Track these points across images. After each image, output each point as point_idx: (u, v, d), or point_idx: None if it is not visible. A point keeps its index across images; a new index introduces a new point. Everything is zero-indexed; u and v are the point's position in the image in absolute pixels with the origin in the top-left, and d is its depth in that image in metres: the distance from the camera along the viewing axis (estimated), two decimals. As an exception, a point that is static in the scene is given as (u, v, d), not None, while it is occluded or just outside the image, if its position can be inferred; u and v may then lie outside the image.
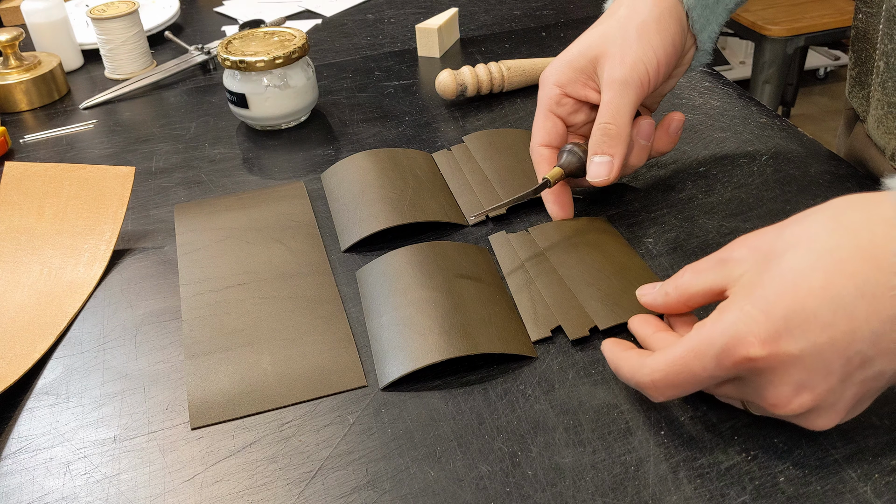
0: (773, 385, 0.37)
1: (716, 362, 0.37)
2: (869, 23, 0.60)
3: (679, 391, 0.39)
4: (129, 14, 0.87)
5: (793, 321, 0.35)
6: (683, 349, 0.38)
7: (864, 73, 0.61)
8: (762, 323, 0.35)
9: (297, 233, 0.59)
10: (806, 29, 2.15)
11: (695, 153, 0.67)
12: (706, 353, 0.37)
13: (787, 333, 0.35)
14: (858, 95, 0.63)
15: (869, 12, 0.60)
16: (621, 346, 0.43)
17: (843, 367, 0.35)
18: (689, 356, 0.37)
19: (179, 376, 0.48)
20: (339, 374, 0.47)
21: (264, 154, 0.72)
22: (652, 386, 0.39)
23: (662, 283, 0.45)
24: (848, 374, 0.36)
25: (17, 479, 0.43)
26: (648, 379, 0.39)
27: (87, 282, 0.57)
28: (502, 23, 0.98)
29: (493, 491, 0.40)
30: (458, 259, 0.53)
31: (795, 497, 0.39)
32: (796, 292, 0.35)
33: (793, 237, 0.37)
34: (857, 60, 0.63)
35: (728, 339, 0.36)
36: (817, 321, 0.34)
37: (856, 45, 0.62)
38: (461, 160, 0.66)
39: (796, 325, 0.35)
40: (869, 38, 0.60)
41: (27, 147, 0.76)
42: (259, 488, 0.41)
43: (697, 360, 0.37)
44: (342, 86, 0.84)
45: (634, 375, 0.40)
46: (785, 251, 0.36)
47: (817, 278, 0.35)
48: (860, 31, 0.61)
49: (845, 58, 2.81)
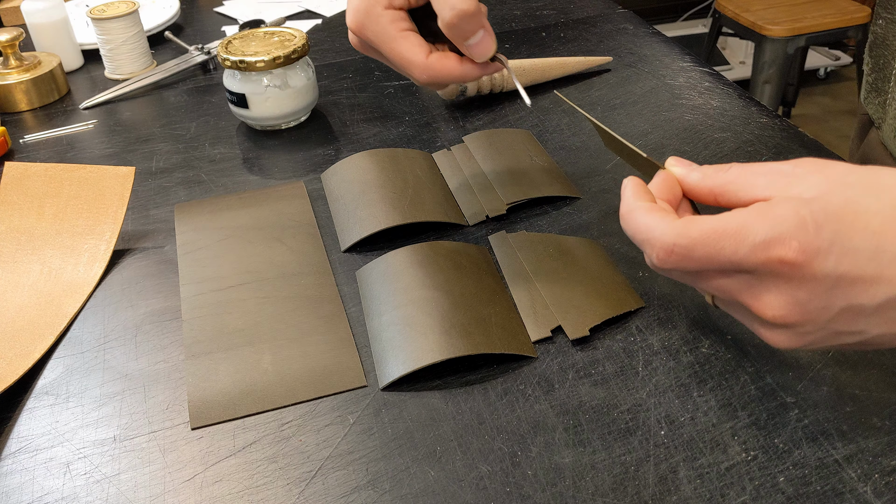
0: (776, 292, 0.36)
1: (749, 250, 0.35)
2: (889, 29, 0.59)
3: (688, 267, 0.37)
4: (129, 14, 0.87)
5: (836, 245, 0.34)
6: (724, 226, 0.35)
7: (882, 79, 0.61)
8: (811, 232, 0.34)
9: (297, 233, 0.59)
10: (806, 29, 2.15)
11: (695, 153, 0.67)
12: (745, 239, 0.35)
13: (825, 253, 0.34)
14: (875, 102, 0.62)
15: (889, 18, 0.59)
16: (645, 195, 0.40)
17: (840, 310, 0.35)
18: (728, 234, 0.35)
19: (179, 376, 0.48)
20: (339, 374, 0.47)
21: (264, 154, 0.72)
22: (669, 251, 0.37)
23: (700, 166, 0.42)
24: (838, 318, 0.36)
25: (17, 479, 0.43)
26: (671, 241, 0.36)
27: (87, 282, 0.57)
28: (502, 23, 0.98)
29: (493, 491, 0.40)
30: (458, 259, 0.53)
31: (795, 497, 0.39)
32: (853, 223, 0.34)
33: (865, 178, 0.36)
34: (874, 66, 0.62)
35: (775, 234, 0.34)
36: (853, 257, 0.34)
37: (874, 51, 0.62)
38: (461, 160, 0.66)
39: (836, 251, 0.34)
40: (888, 45, 0.59)
41: (27, 147, 0.76)
42: (259, 488, 0.41)
43: (732, 242, 0.35)
44: (342, 86, 0.84)
45: (652, 232, 0.37)
46: (853, 185, 0.35)
47: (875, 223, 0.34)
48: (879, 37, 0.61)
49: (846, 58, 2.81)
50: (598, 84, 0.80)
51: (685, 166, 0.42)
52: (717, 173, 0.40)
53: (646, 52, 0.86)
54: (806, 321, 0.36)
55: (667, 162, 0.42)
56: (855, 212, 0.35)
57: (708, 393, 0.44)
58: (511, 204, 0.60)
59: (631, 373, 0.46)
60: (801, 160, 0.38)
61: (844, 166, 0.37)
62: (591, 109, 0.75)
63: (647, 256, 0.38)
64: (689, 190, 0.41)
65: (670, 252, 0.36)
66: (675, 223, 0.37)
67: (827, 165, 0.37)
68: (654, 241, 0.37)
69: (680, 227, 0.36)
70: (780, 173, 0.37)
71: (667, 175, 0.42)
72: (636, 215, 0.38)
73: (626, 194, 0.40)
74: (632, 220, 0.39)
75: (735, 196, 0.38)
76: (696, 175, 0.40)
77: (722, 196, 0.39)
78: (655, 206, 0.38)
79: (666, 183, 0.41)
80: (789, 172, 0.37)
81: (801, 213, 0.35)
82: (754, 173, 0.38)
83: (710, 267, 0.37)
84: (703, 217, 0.36)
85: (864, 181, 0.36)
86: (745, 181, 0.38)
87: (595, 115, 0.74)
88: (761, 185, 0.37)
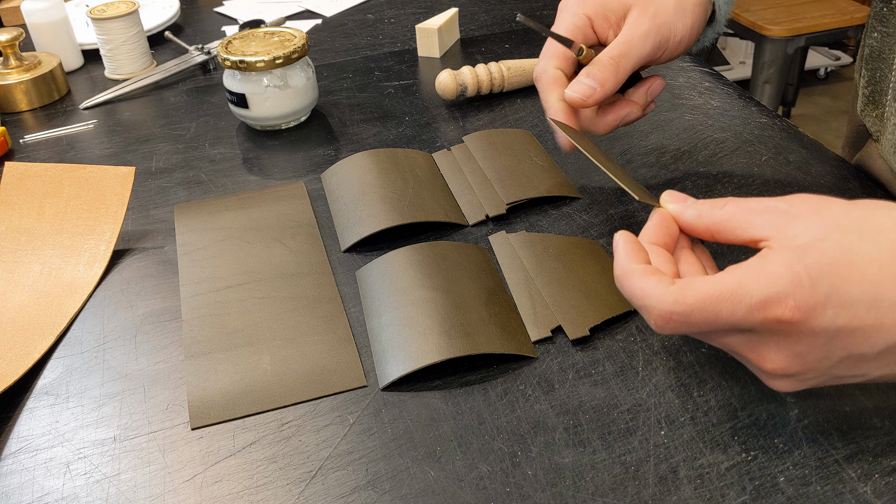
0: (776, 347, 0.36)
1: (746, 311, 0.35)
2: (884, 42, 0.59)
3: (688, 331, 0.37)
4: (129, 14, 0.87)
5: (832, 299, 0.34)
6: (720, 290, 0.35)
7: (879, 92, 0.61)
8: (806, 289, 0.34)
9: (297, 233, 0.59)
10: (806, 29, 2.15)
11: (695, 153, 0.67)
12: (741, 301, 0.35)
13: (822, 308, 0.34)
14: (872, 115, 0.62)
15: (885, 32, 0.59)
16: (638, 254, 0.39)
17: (841, 359, 0.36)
18: (724, 298, 0.35)
19: (179, 376, 0.48)
20: (339, 374, 0.47)
21: (264, 154, 0.72)
22: (666, 318, 0.36)
23: (696, 200, 0.42)
24: (839, 365, 0.36)
25: (17, 479, 0.43)
26: (668, 309, 0.36)
27: (87, 282, 0.57)
28: (502, 23, 0.98)
29: (493, 491, 0.40)
30: (458, 259, 0.53)
31: (795, 497, 0.39)
32: (850, 275, 0.34)
33: (862, 220, 0.36)
34: (870, 79, 0.62)
35: (771, 293, 0.34)
36: (851, 310, 0.34)
37: (870, 64, 0.62)
38: (461, 160, 0.66)
39: (833, 304, 0.34)
40: (884, 59, 0.59)
41: (27, 147, 0.76)
42: (259, 488, 0.41)
43: (729, 305, 0.35)
44: (342, 86, 0.84)
45: (649, 299, 0.37)
46: (850, 229, 0.35)
47: (872, 272, 0.34)
48: (874, 49, 0.60)
49: (846, 58, 2.81)
50: (598, 84, 0.80)
51: (679, 202, 0.42)
52: (714, 210, 0.40)
53: (646, 52, 0.86)
54: (807, 370, 0.36)
55: (661, 197, 0.43)
56: (851, 261, 0.34)
57: (708, 393, 0.44)
58: (511, 204, 0.60)
59: (631, 373, 0.46)
60: (796, 197, 0.38)
61: (840, 206, 0.37)
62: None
63: (646, 319, 0.38)
64: (685, 227, 0.41)
65: (668, 320, 0.36)
66: (670, 290, 0.36)
67: (823, 204, 0.37)
68: (650, 308, 0.37)
69: (676, 294, 0.36)
70: (778, 212, 0.37)
71: (662, 215, 0.42)
72: (631, 279, 0.38)
73: (619, 254, 0.40)
74: (627, 283, 0.38)
75: (732, 234, 0.39)
76: (692, 213, 0.41)
77: (719, 234, 0.39)
78: (649, 270, 0.38)
79: (662, 224, 0.42)
80: (786, 211, 0.37)
81: (795, 269, 0.34)
82: (751, 211, 0.38)
83: (709, 329, 0.37)
84: (698, 280, 0.36)
85: (860, 224, 0.35)
86: (741, 219, 0.38)
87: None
88: (759, 225, 0.37)
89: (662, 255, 0.40)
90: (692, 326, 0.36)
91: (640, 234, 0.42)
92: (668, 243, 0.41)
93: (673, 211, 0.42)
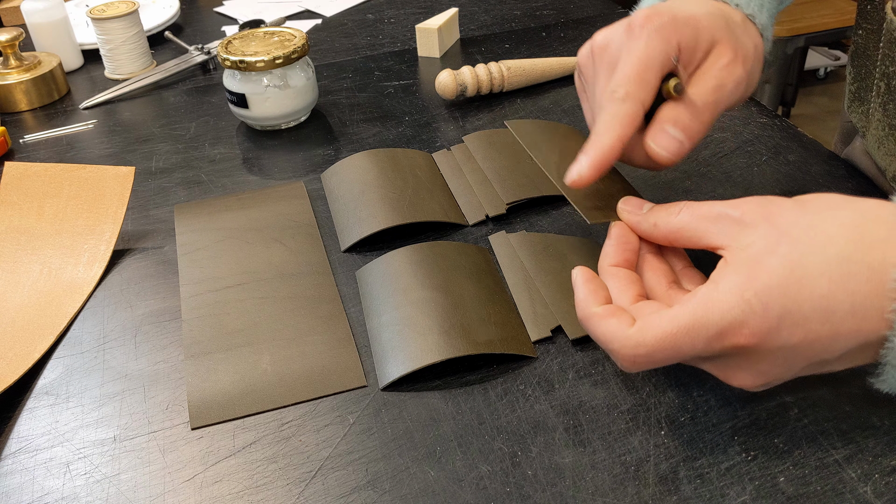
0: (738, 368, 0.37)
1: (705, 344, 0.36)
2: (869, 39, 0.59)
3: (655, 366, 0.38)
4: (129, 14, 0.87)
5: (785, 321, 0.35)
6: (676, 327, 0.36)
7: (864, 89, 0.61)
8: (759, 315, 0.35)
9: (297, 233, 0.59)
10: (806, 29, 2.15)
11: (695, 153, 0.67)
12: (699, 335, 0.36)
13: (776, 330, 0.35)
14: (858, 111, 0.63)
15: (869, 29, 0.59)
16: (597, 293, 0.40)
17: (804, 366, 0.37)
18: (681, 334, 0.36)
19: (179, 376, 0.48)
20: (339, 374, 0.47)
21: (264, 154, 0.72)
22: (631, 361, 0.37)
23: (653, 207, 0.42)
24: (803, 370, 0.37)
25: (17, 479, 0.43)
26: (630, 354, 0.37)
27: (86, 282, 0.57)
28: (502, 23, 0.98)
29: (493, 491, 0.40)
30: (458, 259, 0.53)
31: (795, 497, 0.39)
32: (799, 293, 0.35)
33: (811, 228, 0.36)
34: (856, 76, 0.62)
35: (725, 324, 0.35)
36: (805, 326, 0.35)
37: (855, 61, 0.62)
38: (461, 160, 0.66)
39: (786, 326, 0.35)
40: (869, 56, 0.60)
41: (27, 147, 0.76)
42: (259, 488, 0.41)
43: (688, 340, 0.36)
44: (342, 86, 0.84)
45: (611, 344, 0.38)
46: (799, 239, 0.36)
47: (821, 286, 0.35)
48: (860, 47, 0.61)
49: (845, 58, 2.81)
50: (598, 84, 0.80)
51: (635, 213, 0.43)
52: (669, 218, 0.41)
53: (646, 53, 0.86)
54: (773, 380, 0.38)
55: (618, 207, 0.44)
56: (800, 279, 0.35)
57: (708, 393, 0.44)
58: (511, 204, 0.60)
59: (631, 373, 0.46)
60: (747, 203, 0.39)
61: (790, 211, 0.37)
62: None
63: (614, 360, 0.40)
64: (644, 237, 0.43)
65: (633, 362, 0.38)
66: (630, 334, 0.37)
67: (773, 211, 0.38)
68: (615, 352, 0.38)
69: (636, 337, 0.37)
70: (730, 220, 0.38)
71: (620, 229, 0.43)
72: (593, 324, 0.39)
73: (579, 297, 0.41)
74: (590, 328, 0.39)
75: (689, 241, 0.40)
76: (649, 222, 0.42)
77: (677, 241, 0.41)
78: (609, 311, 0.39)
79: (620, 241, 0.43)
80: (738, 220, 0.38)
81: (745, 296, 0.35)
82: (705, 218, 0.39)
83: (676, 360, 0.38)
84: (655, 319, 0.37)
85: (809, 233, 0.36)
86: (696, 227, 0.40)
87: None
88: (713, 233, 0.39)
89: (622, 279, 0.41)
90: (659, 363, 0.38)
91: (601, 257, 0.43)
92: (629, 259, 0.43)
93: (630, 222, 0.43)
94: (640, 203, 0.43)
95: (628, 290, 0.41)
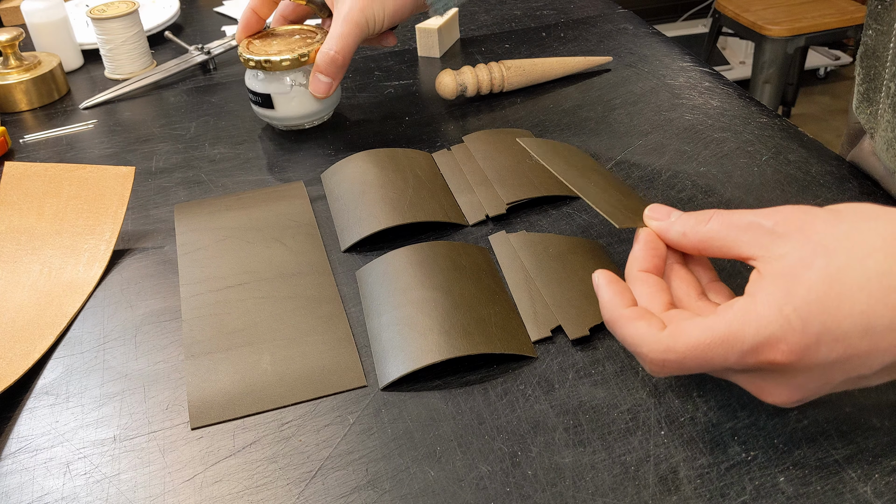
0: (774, 383, 0.37)
1: (739, 357, 0.35)
2: (879, 40, 0.59)
3: (684, 373, 0.37)
4: (129, 14, 0.87)
5: (824, 337, 0.34)
6: (710, 337, 0.35)
7: (873, 90, 0.61)
8: (798, 332, 0.34)
9: (297, 233, 0.59)
10: (806, 29, 2.15)
11: (695, 153, 0.67)
12: (733, 347, 0.35)
13: (815, 346, 0.34)
14: (866, 112, 0.62)
15: (879, 30, 0.59)
16: (623, 295, 0.39)
17: (840, 381, 0.36)
18: (715, 345, 0.35)
19: (179, 376, 0.48)
20: (339, 374, 0.47)
21: (264, 154, 0.72)
22: (660, 365, 0.37)
23: (681, 214, 0.41)
24: (840, 385, 0.36)
25: (17, 479, 0.43)
26: (660, 358, 0.36)
27: (86, 282, 0.57)
28: (502, 23, 0.98)
29: (493, 491, 0.40)
30: (458, 259, 0.53)
31: (795, 497, 0.39)
32: (838, 309, 0.34)
33: (847, 239, 0.35)
34: (865, 77, 0.62)
35: (761, 339, 0.34)
36: (844, 342, 0.34)
37: (864, 62, 0.62)
38: (461, 160, 0.66)
39: (826, 341, 0.34)
40: (878, 56, 0.59)
41: (27, 147, 0.76)
42: (259, 488, 0.41)
43: (721, 351, 0.35)
44: (342, 86, 0.84)
45: (640, 347, 0.37)
46: (836, 252, 0.35)
47: (861, 301, 0.34)
48: (869, 47, 0.61)
49: (846, 57, 2.81)
50: (598, 84, 0.80)
51: (663, 218, 0.42)
52: (698, 226, 0.40)
53: (646, 52, 0.86)
54: (809, 395, 0.37)
55: (645, 214, 0.43)
56: (839, 294, 0.34)
57: (708, 393, 0.44)
58: (511, 204, 0.60)
59: (631, 373, 0.46)
60: (781, 213, 0.37)
61: (825, 221, 0.36)
62: (592, 109, 0.75)
63: (641, 363, 0.38)
64: (671, 245, 0.42)
65: (661, 366, 0.37)
66: (661, 338, 0.36)
67: (807, 221, 0.36)
68: (643, 355, 0.37)
69: (667, 341, 0.36)
70: (762, 230, 0.37)
71: (648, 235, 0.42)
72: (622, 325, 0.38)
73: (604, 298, 0.40)
74: (618, 329, 0.38)
75: (719, 251, 0.39)
76: (678, 230, 0.41)
77: (706, 251, 0.40)
78: (638, 313, 0.38)
79: (648, 246, 0.42)
80: (770, 230, 0.37)
81: (784, 311, 0.34)
82: (736, 227, 0.38)
83: (705, 371, 0.37)
84: (689, 326, 0.36)
85: (846, 244, 0.35)
86: (726, 236, 0.38)
87: (596, 114, 0.74)
88: (744, 242, 0.38)
89: (653, 285, 0.40)
90: (687, 370, 0.37)
91: (630, 262, 0.42)
92: (658, 265, 0.42)
93: (657, 229, 0.42)
94: (667, 211, 0.42)
95: (658, 296, 0.40)
